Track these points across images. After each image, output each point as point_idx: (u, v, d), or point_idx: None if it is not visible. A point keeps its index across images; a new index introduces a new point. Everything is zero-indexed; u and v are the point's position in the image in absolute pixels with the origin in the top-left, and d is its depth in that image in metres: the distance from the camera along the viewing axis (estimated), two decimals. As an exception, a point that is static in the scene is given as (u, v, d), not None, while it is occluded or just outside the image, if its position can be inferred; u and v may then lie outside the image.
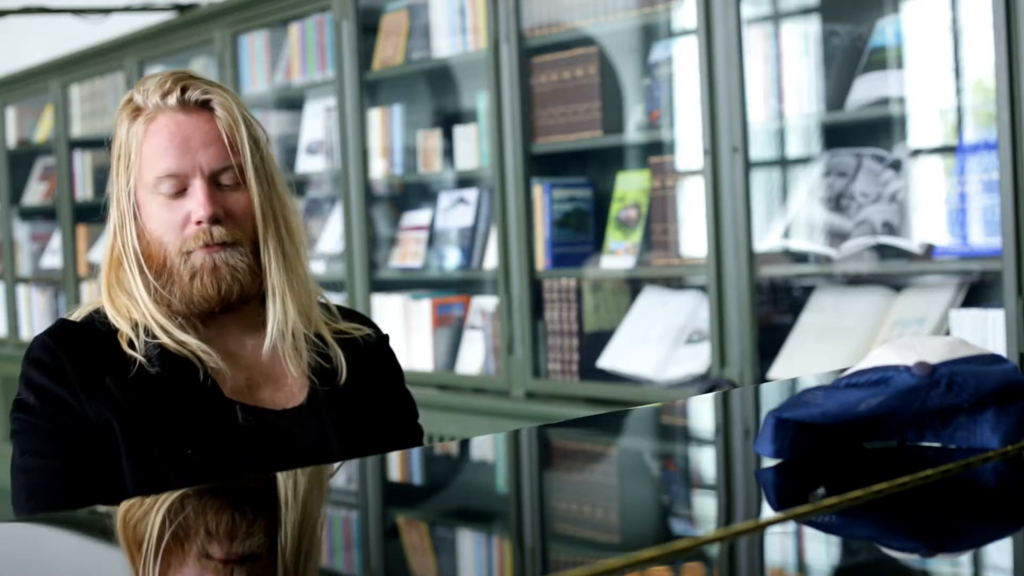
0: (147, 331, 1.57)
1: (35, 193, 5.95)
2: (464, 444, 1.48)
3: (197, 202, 1.55)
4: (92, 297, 1.66)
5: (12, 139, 6.00)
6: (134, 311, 1.58)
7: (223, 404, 1.57)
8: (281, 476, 1.25)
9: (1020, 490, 1.06)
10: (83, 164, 5.52)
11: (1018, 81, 2.46)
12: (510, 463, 1.32)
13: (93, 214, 5.46)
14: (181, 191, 1.57)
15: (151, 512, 1.10)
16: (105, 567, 0.95)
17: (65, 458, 1.51)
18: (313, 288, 1.67)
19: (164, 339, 1.56)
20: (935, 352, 1.09)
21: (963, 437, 1.11)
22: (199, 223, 1.55)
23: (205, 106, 1.58)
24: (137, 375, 1.54)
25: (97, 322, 1.60)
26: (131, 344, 1.56)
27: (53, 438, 1.52)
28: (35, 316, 5.88)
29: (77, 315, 1.63)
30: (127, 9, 4.85)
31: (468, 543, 1.02)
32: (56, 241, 5.73)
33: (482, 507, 1.15)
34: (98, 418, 1.52)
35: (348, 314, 1.76)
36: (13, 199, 6.00)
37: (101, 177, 5.44)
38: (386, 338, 1.77)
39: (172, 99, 1.57)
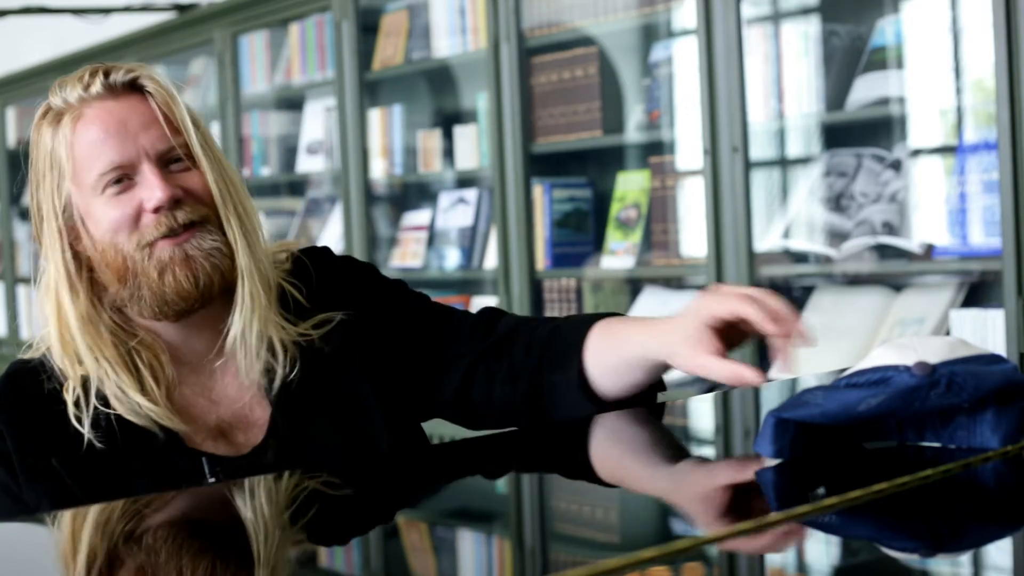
0: (98, 391, 1.38)
1: (35, 193, 5.96)
2: (464, 444, 1.48)
3: (150, 187, 1.38)
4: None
5: (12, 139, 6.00)
6: (86, 358, 1.39)
7: (187, 459, 1.40)
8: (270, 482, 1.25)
9: (1020, 490, 1.06)
10: (83, 164, 5.52)
11: (1018, 81, 2.46)
12: (510, 463, 1.32)
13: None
14: (129, 185, 1.39)
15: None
16: (104, 568, 0.95)
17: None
18: (273, 276, 1.46)
19: (117, 406, 1.37)
20: (935, 352, 1.09)
21: (963, 437, 1.11)
22: (157, 210, 1.38)
23: (133, 87, 1.42)
24: (88, 447, 1.36)
25: (48, 370, 1.41)
26: (79, 404, 1.37)
27: None
28: (35, 316, 5.87)
29: (35, 350, 1.46)
30: (127, 9, 4.84)
31: (468, 543, 1.02)
32: (56, 241, 5.73)
33: (482, 507, 1.15)
34: (39, 505, 1.36)
35: (325, 263, 1.54)
36: (13, 199, 6.00)
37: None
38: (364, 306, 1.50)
39: (96, 87, 1.40)
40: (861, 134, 2.96)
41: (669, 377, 1.43)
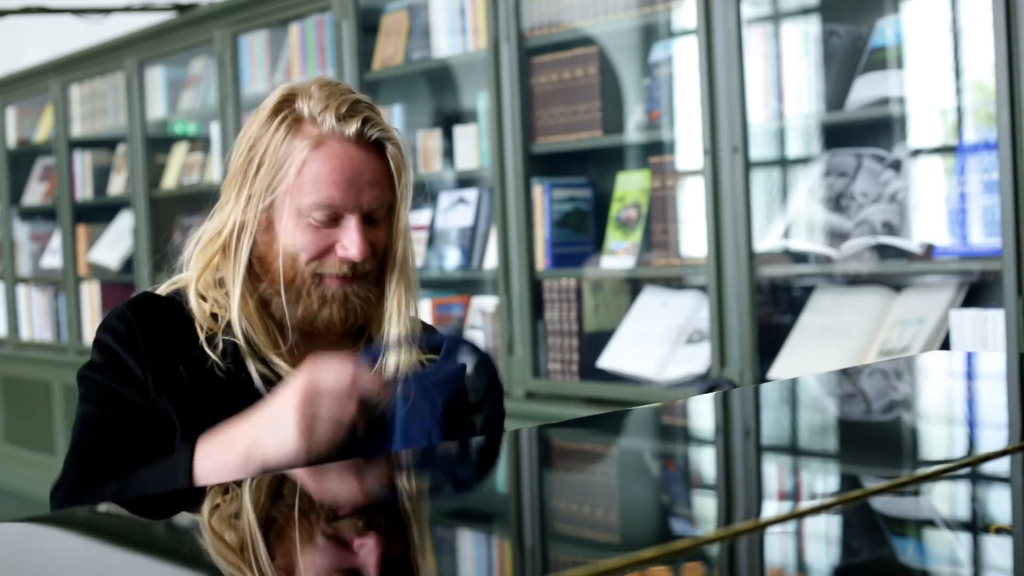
0: (227, 327, 1.53)
1: (35, 193, 5.96)
2: (464, 444, 1.48)
3: (352, 241, 1.53)
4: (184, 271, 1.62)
5: (12, 139, 6.00)
6: (226, 307, 1.54)
7: None
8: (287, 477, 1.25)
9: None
10: (83, 164, 5.52)
11: (1018, 81, 2.46)
12: (510, 463, 1.32)
13: (93, 214, 5.50)
14: (332, 221, 1.53)
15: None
16: (105, 568, 0.95)
17: (121, 414, 1.49)
18: (416, 329, 1.63)
19: (243, 346, 1.53)
20: None
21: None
22: (345, 259, 1.53)
23: (378, 144, 1.56)
24: (210, 370, 1.52)
25: (182, 302, 1.56)
26: (209, 339, 1.52)
27: (112, 397, 1.51)
28: (35, 316, 5.87)
29: (164, 289, 1.60)
30: (127, 9, 4.85)
31: (468, 543, 1.02)
32: (56, 241, 5.73)
33: (482, 507, 1.15)
34: (159, 399, 1.50)
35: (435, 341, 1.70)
36: (13, 199, 6.00)
37: (101, 177, 5.44)
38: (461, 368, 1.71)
39: (350, 130, 1.53)
40: (861, 134, 2.96)
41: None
